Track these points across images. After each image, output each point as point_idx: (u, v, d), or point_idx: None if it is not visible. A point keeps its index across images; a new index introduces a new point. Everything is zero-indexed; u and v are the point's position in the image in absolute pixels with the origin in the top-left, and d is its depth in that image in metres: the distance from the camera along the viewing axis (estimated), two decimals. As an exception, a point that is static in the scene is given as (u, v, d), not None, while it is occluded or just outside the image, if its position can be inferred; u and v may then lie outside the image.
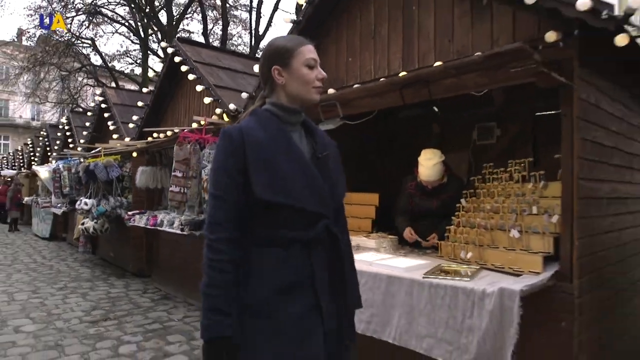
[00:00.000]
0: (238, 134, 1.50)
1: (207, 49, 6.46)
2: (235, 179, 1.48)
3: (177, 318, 5.26)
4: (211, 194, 1.51)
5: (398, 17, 3.35)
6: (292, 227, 1.51)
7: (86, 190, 7.95)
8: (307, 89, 1.58)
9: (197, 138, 4.73)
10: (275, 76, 1.57)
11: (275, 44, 1.60)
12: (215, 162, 1.54)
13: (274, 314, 1.45)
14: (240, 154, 1.48)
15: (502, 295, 2.24)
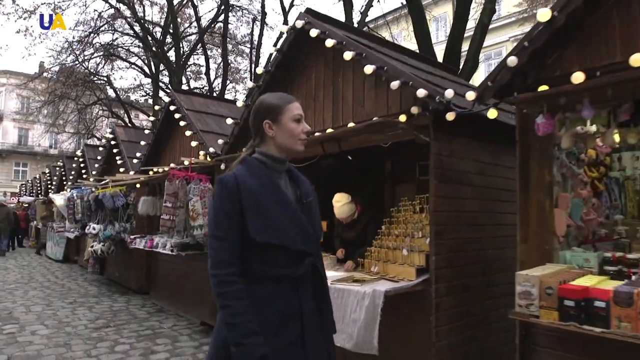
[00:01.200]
0: (233, 182, 1.70)
1: (199, 97, 7.59)
2: (235, 220, 1.66)
3: (167, 326, 6.21)
4: (214, 236, 1.68)
5: (329, 86, 4.40)
6: (283, 265, 1.70)
7: (95, 216, 9.02)
8: (294, 141, 1.81)
9: (184, 175, 5.77)
10: (266, 129, 1.79)
11: (267, 101, 1.83)
12: (215, 207, 1.72)
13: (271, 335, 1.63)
14: (236, 199, 1.67)
15: (374, 295, 3.18)
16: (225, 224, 1.66)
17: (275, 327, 1.66)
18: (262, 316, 1.63)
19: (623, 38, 2.48)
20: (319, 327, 1.77)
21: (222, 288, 1.61)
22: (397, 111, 3.66)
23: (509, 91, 2.88)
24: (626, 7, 2.48)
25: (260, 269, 1.68)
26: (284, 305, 1.68)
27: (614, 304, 2.09)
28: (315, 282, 1.79)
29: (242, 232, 1.66)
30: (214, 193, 1.89)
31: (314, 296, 1.78)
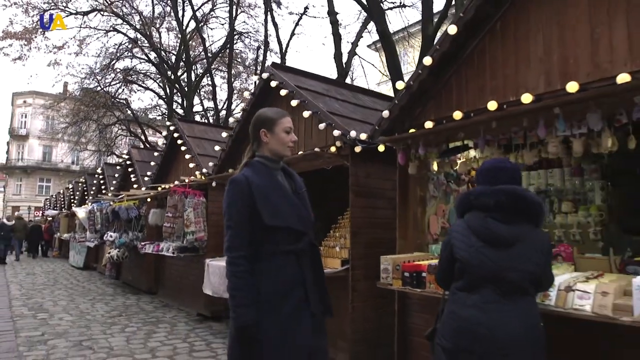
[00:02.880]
0: (244, 180, 2.13)
1: (199, 125, 8.98)
2: (244, 213, 2.08)
3: (169, 316, 7.50)
4: (228, 225, 2.12)
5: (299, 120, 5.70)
6: (287, 243, 2.14)
7: (112, 226, 10.43)
8: (283, 147, 2.27)
9: (182, 191, 7.12)
10: (262, 137, 2.24)
11: (265, 114, 2.30)
12: (228, 202, 2.13)
13: (278, 307, 2.07)
14: (248, 194, 2.09)
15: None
16: (237, 216, 2.09)
17: (286, 291, 2.10)
18: (274, 284, 2.09)
19: (457, 98, 3.72)
20: (317, 294, 2.23)
21: (230, 267, 2.06)
22: (331, 143, 4.93)
23: (393, 132, 4.14)
24: (460, 78, 3.73)
25: (271, 247, 2.11)
26: (291, 275, 2.13)
27: (428, 273, 3.31)
28: (312, 255, 2.27)
29: (252, 221, 2.08)
30: (227, 191, 2.17)
31: (312, 267, 2.24)
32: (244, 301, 2.04)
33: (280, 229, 2.13)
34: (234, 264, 2.06)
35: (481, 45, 3.53)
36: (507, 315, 2.15)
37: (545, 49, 3.12)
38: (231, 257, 2.08)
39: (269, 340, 2.05)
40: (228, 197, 2.15)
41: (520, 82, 3.23)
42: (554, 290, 2.60)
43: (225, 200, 2.17)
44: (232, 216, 2.12)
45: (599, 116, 2.51)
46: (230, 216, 2.13)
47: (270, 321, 2.06)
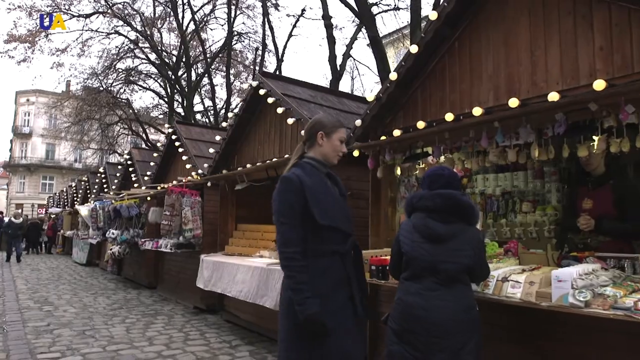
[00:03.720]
0: (297, 179, 2.17)
1: (196, 127, 9.40)
2: (297, 210, 2.15)
3: (167, 309, 7.93)
4: (281, 222, 2.17)
5: (278, 127, 6.11)
6: (335, 242, 2.21)
7: (114, 224, 10.87)
8: (334, 155, 2.35)
9: (179, 190, 7.54)
10: (318, 139, 2.31)
11: (326, 118, 2.41)
12: (280, 199, 2.20)
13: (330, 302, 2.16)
14: (300, 193, 2.15)
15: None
16: (290, 212, 2.15)
17: (332, 290, 2.17)
18: (321, 283, 2.14)
19: (422, 110, 4.13)
20: (359, 295, 2.32)
21: (289, 262, 2.12)
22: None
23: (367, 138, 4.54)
24: (425, 91, 4.14)
25: (319, 246, 2.17)
26: (337, 274, 2.19)
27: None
28: (355, 256, 2.37)
29: (304, 219, 2.14)
30: (279, 188, 2.20)
31: (355, 268, 2.33)
32: (308, 292, 2.10)
33: (329, 228, 2.20)
34: (293, 259, 2.12)
35: (442, 62, 3.93)
36: (443, 300, 2.55)
37: (495, 68, 3.52)
38: (288, 252, 2.13)
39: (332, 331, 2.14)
40: (280, 194, 2.19)
41: (474, 96, 3.63)
42: (493, 281, 3.00)
43: (277, 197, 2.21)
44: (285, 212, 2.16)
45: (528, 130, 2.91)
46: (283, 212, 2.17)
47: (326, 311, 2.14)
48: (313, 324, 2.10)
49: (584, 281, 2.58)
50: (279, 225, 2.20)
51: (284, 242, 2.16)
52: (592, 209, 3.50)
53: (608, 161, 3.52)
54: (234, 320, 6.74)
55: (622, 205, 3.30)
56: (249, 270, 5.50)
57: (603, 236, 3.30)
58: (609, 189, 3.44)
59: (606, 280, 2.69)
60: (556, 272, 2.68)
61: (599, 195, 3.47)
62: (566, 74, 3.08)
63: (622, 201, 3.31)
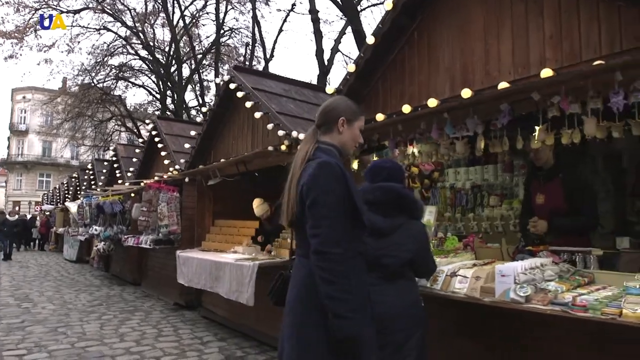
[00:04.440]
0: (337, 166, 1.85)
1: (179, 123, 9.32)
2: (342, 204, 1.80)
3: (147, 305, 7.89)
4: (326, 216, 1.77)
5: (250, 121, 6.04)
6: (361, 242, 1.97)
7: (97, 220, 10.82)
8: (352, 144, 2.08)
9: (157, 186, 7.47)
10: (339, 124, 1.99)
11: (349, 103, 2.09)
12: (325, 189, 1.79)
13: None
14: (344, 182, 1.82)
15: (253, 268, 4.78)
16: (336, 206, 1.78)
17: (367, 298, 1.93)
18: (358, 288, 1.83)
19: (383, 102, 4.05)
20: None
21: (332, 264, 1.74)
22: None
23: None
24: (385, 83, 4.06)
25: (354, 246, 1.87)
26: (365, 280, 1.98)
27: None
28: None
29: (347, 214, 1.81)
30: (319, 176, 1.82)
31: None
32: (360, 305, 1.82)
33: (363, 227, 1.95)
34: (338, 262, 1.75)
35: (402, 53, 3.85)
36: (385, 296, 2.49)
37: (451, 58, 3.45)
38: (332, 253, 1.75)
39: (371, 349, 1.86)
40: (323, 183, 1.82)
41: (431, 88, 3.56)
42: (442, 276, 2.94)
43: (318, 185, 1.82)
44: (332, 204, 1.79)
45: (475, 121, 2.84)
46: (329, 204, 1.79)
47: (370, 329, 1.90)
48: (352, 346, 1.78)
49: (526, 276, 2.51)
50: (320, 219, 1.79)
51: (326, 241, 1.76)
52: (544, 204, 3.42)
53: (558, 154, 3.44)
54: (210, 316, 6.70)
55: (573, 199, 3.24)
56: (222, 267, 5.44)
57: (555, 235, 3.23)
58: (558, 183, 3.36)
59: (552, 274, 2.62)
60: (500, 267, 2.61)
61: (550, 190, 3.39)
62: (517, 63, 3.01)
63: (572, 194, 3.24)
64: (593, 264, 2.84)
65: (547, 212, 3.39)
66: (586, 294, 2.41)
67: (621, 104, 2.18)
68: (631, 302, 2.08)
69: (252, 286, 4.71)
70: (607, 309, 2.12)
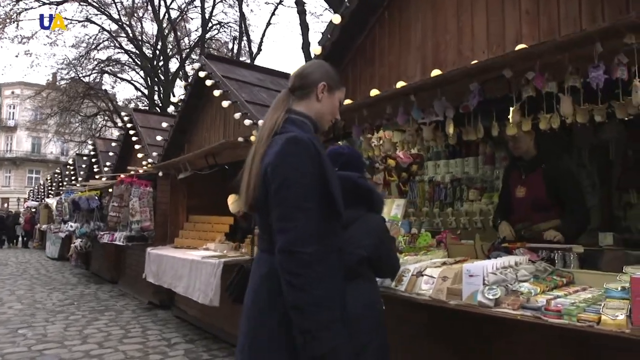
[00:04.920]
0: (311, 142, 1.47)
1: (156, 115, 8.99)
2: (318, 188, 1.44)
3: (120, 304, 7.57)
4: (298, 206, 1.41)
5: (222, 112, 5.73)
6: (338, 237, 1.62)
7: (73, 217, 10.48)
8: (329, 118, 1.73)
9: (129, 181, 7.16)
10: (319, 91, 1.64)
11: (331, 68, 1.77)
12: (299, 171, 1.43)
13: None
14: (318, 162, 1.46)
15: (218, 265, 4.48)
16: (311, 192, 1.43)
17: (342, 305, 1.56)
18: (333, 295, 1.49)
19: (353, 87, 3.76)
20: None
21: (307, 268, 1.38)
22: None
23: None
24: (355, 67, 3.77)
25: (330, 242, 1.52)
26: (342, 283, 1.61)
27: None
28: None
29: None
30: (289, 154, 1.46)
31: None
32: (335, 317, 1.44)
33: (339, 217, 1.59)
34: (311, 264, 1.39)
35: (372, 35, 3.56)
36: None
37: (422, 38, 3.16)
38: (305, 253, 1.39)
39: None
40: (294, 164, 1.45)
41: (402, 69, 3.28)
42: (408, 275, 2.65)
43: (288, 167, 1.45)
44: (301, 191, 1.42)
45: (444, 103, 2.55)
46: (297, 191, 1.42)
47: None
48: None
49: (496, 276, 2.23)
50: (290, 210, 1.43)
51: (302, 237, 1.41)
52: (524, 197, 3.15)
53: (540, 143, 3.17)
54: (182, 316, 6.40)
55: (557, 192, 2.97)
56: (187, 264, 5.15)
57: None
58: (541, 174, 3.08)
59: (526, 275, 2.35)
60: (468, 266, 2.34)
61: (532, 182, 3.12)
62: (492, 41, 2.72)
63: (556, 187, 2.97)
64: (573, 262, 2.57)
65: (528, 206, 3.11)
66: (563, 296, 2.14)
67: (601, 79, 1.90)
68: (611, 308, 1.80)
69: (217, 285, 4.42)
70: (584, 314, 1.84)
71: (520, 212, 3.19)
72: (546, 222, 3.08)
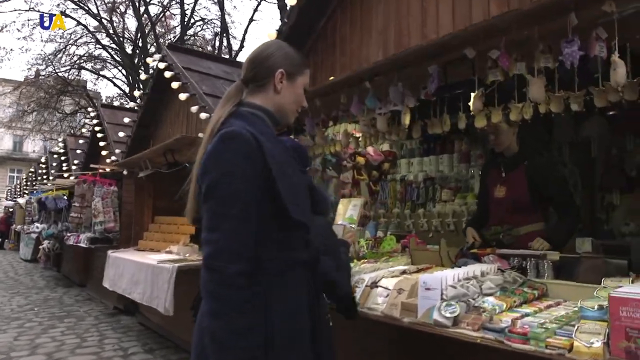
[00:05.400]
0: (251, 137, 1.23)
1: (125, 111, 8.59)
2: (253, 193, 1.20)
3: (83, 310, 7.18)
4: (224, 214, 1.18)
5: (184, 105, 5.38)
6: (300, 250, 1.35)
7: (40, 217, 10.04)
8: (294, 109, 1.47)
9: (92, 180, 6.77)
10: (277, 79, 1.39)
11: (291, 50, 1.46)
12: (224, 170, 1.20)
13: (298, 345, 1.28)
14: (260, 160, 1.22)
15: (172, 270, 4.13)
16: (243, 197, 1.18)
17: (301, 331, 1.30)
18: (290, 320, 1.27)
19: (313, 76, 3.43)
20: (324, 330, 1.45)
21: (223, 290, 1.15)
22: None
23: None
24: (317, 55, 3.45)
25: (284, 255, 1.29)
26: (306, 303, 1.34)
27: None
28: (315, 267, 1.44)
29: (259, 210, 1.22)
30: (216, 151, 1.23)
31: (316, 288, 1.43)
32: (256, 352, 1.18)
33: (297, 227, 1.31)
34: (233, 287, 1.16)
35: (333, 19, 3.25)
36: None
37: (385, 21, 2.85)
38: (227, 274, 1.15)
39: None
40: (224, 164, 1.21)
41: (363, 56, 2.97)
42: (362, 286, 2.34)
43: (217, 167, 1.22)
44: (230, 196, 1.18)
45: (400, 89, 2.24)
46: (229, 196, 1.19)
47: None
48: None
49: (456, 290, 1.92)
50: (216, 218, 1.20)
51: (224, 253, 1.17)
52: (505, 198, 2.86)
53: (523, 138, 2.89)
54: (146, 323, 6.04)
55: (541, 191, 2.69)
56: (144, 269, 4.79)
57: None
58: (523, 172, 2.80)
59: (492, 287, 2.04)
60: (424, 278, 2.02)
61: (513, 180, 2.83)
62: (458, 22, 2.41)
63: (539, 186, 2.69)
64: (547, 271, 2.27)
65: (508, 207, 2.81)
66: (532, 314, 1.83)
67: (576, 56, 1.60)
68: (586, 332, 1.50)
69: (170, 292, 4.07)
70: (554, 339, 1.53)
71: (499, 214, 2.89)
72: (528, 225, 2.78)
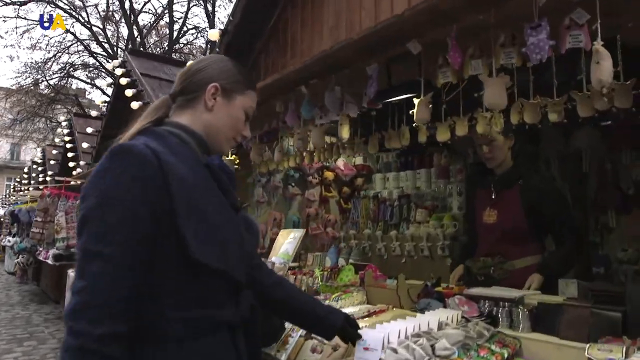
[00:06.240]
0: (152, 156, 0.96)
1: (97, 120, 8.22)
2: (145, 223, 0.94)
3: (49, 331, 6.74)
4: (94, 254, 0.90)
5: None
6: (219, 305, 1.07)
7: (13, 230, 9.63)
8: (229, 136, 1.19)
9: (56, 193, 6.37)
10: (207, 95, 1.15)
11: (232, 65, 1.22)
12: (104, 196, 0.93)
13: None
14: (159, 187, 0.95)
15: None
16: (125, 231, 0.92)
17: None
18: None
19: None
20: None
21: (89, 357, 0.87)
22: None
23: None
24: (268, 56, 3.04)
25: (187, 313, 1.00)
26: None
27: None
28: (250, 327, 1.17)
29: (154, 248, 0.95)
30: (103, 170, 0.96)
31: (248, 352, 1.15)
32: None
33: (211, 273, 1.01)
34: (99, 356, 0.88)
35: (284, 17, 2.85)
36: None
37: (336, 16, 2.44)
38: (91, 337, 0.87)
39: None
40: (103, 186, 0.94)
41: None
42: (296, 336, 1.91)
43: (95, 193, 0.94)
44: (107, 229, 0.91)
45: (337, 95, 1.82)
46: (100, 230, 0.91)
47: None
48: None
49: (397, 355, 1.48)
50: (86, 260, 0.90)
51: (90, 309, 0.88)
52: (496, 224, 2.41)
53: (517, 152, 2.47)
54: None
55: (538, 215, 2.27)
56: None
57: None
58: (517, 192, 2.36)
59: (447, 348, 1.60)
60: (364, 334, 1.58)
61: (506, 202, 2.39)
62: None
63: (537, 209, 2.27)
64: (522, 322, 1.83)
65: (499, 235, 2.38)
66: (495, 387, 1.40)
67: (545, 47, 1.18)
68: None
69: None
70: None
71: (488, 243, 2.43)
72: (525, 258, 2.35)
